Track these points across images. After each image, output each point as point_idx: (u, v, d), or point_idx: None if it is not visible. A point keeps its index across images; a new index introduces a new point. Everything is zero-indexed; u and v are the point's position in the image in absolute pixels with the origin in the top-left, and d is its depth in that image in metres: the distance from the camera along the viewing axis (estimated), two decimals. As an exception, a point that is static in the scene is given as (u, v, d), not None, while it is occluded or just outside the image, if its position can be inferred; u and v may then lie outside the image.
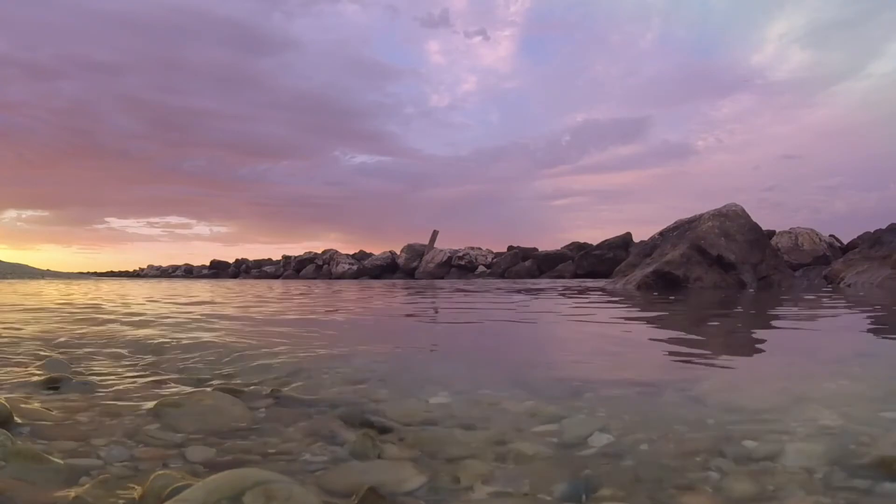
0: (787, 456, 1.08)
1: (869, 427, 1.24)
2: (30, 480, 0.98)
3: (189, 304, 6.25)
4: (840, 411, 1.38)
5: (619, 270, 11.09)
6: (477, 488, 1.00)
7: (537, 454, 1.15)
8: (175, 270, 53.23)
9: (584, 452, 1.16)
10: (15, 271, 36.29)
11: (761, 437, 1.18)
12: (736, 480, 0.98)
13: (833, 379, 1.86)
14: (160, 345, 2.73)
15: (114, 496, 0.92)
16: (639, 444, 1.18)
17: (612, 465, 1.08)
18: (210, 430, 1.31)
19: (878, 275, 9.50)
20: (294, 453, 1.18)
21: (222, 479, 0.89)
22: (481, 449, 1.18)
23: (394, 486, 1.01)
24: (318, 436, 1.28)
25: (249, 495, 0.84)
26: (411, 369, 2.22)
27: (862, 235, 20.49)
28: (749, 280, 9.54)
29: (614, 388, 1.72)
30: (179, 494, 0.86)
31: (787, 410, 1.42)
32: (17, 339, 2.98)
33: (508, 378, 1.93)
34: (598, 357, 2.59)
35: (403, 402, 1.58)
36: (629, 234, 30.27)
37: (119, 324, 3.88)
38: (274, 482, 0.89)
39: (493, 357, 2.71)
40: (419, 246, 38.30)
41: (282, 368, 2.08)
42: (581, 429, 1.29)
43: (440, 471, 1.07)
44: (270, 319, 4.40)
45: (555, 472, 1.04)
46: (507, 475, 1.05)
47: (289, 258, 44.62)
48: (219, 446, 1.21)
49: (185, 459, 1.13)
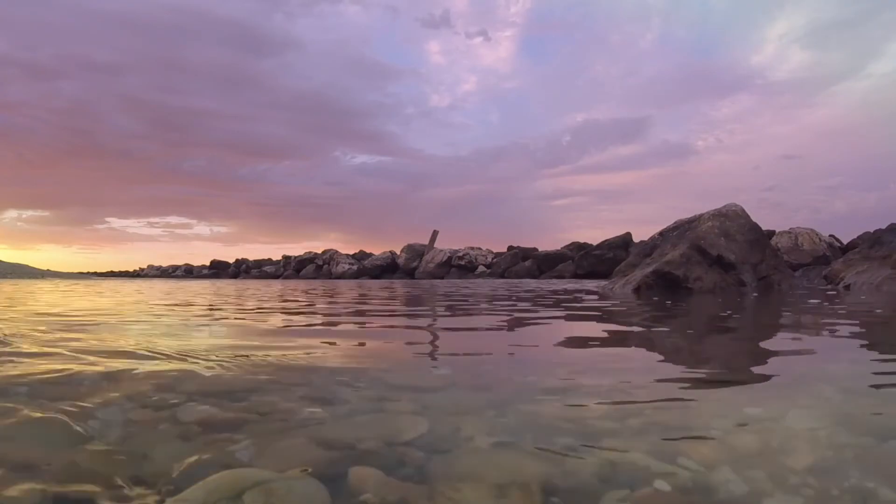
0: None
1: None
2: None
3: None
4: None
5: (618, 270, 11.09)
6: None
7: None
8: (175, 270, 53.23)
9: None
10: (15, 271, 36.30)
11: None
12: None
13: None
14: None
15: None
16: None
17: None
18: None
19: (877, 275, 9.50)
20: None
21: (222, 479, 0.89)
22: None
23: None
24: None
25: (249, 495, 0.85)
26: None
27: (862, 235, 20.52)
28: (749, 280, 9.54)
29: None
30: (179, 494, 0.86)
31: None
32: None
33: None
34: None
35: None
36: (629, 234, 30.32)
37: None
38: (274, 482, 0.89)
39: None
40: (419, 246, 38.31)
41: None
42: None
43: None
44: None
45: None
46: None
47: (289, 258, 44.64)
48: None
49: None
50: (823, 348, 2.52)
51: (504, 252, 35.46)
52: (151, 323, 3.57)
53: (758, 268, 9.82)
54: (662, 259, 9.62)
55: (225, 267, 48.79)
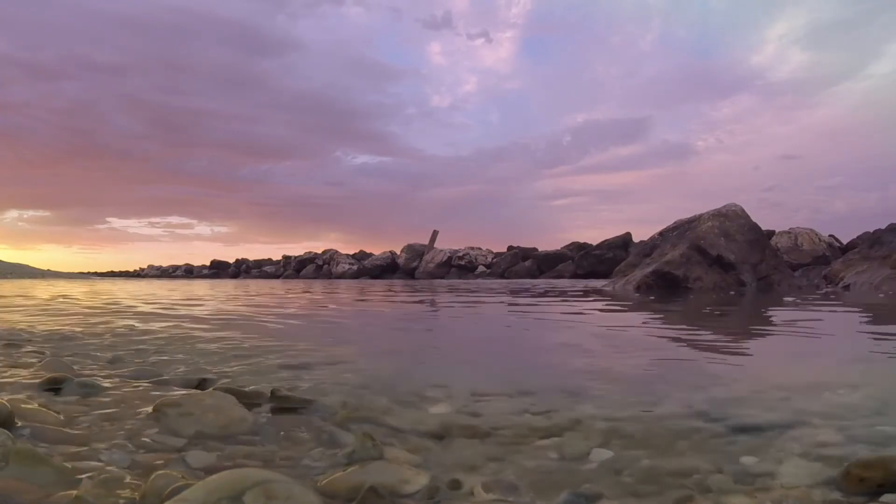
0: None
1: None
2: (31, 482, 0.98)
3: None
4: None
5: (618, 270, 11.09)
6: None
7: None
8: (175, 270, 53.20)
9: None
10: (15, 271, 36.30)
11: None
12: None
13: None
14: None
15: (114, 496, 0.93)
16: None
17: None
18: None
19: (877, 275, 9.50)
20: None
21: (222, 479, 0.90)
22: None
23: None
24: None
25: (249, 495, 0.85)
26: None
27: (861, 235, 20.48)
28: (749, 280, 9.55)
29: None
30: (179, 494, 0.86)
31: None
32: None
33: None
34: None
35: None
36: (629, 234, 30.27)
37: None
38: (274, 482, 0.90)
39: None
40: (419, 246, 38.28)
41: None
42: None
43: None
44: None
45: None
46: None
47: (289, 258, 44.60)
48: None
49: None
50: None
51: (504, 252, 35.42)
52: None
53: (757, 268, 9.82)
54: (662, 259, 9.62)
55: (225, 267, 48.75)
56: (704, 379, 2.04)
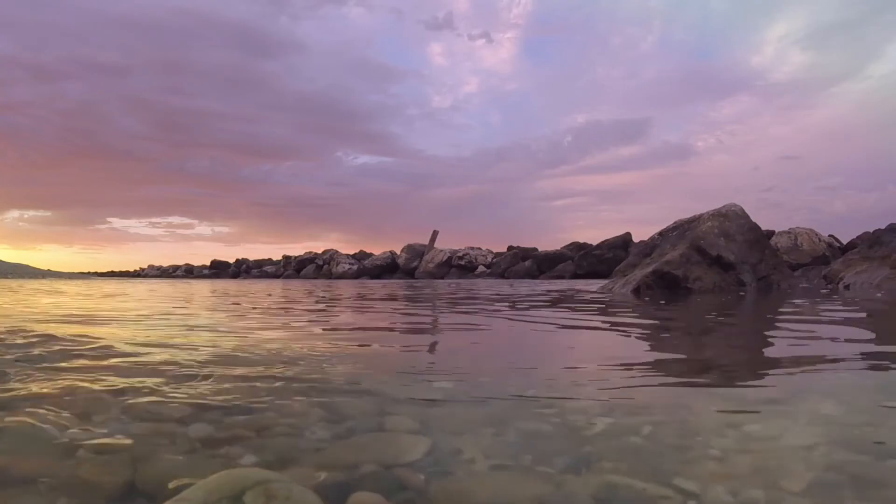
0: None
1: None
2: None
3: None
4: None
5: (618, 270, 11.09)
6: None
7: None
8: (175, 270, 53.21)
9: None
10: (16, 271, 36.31)
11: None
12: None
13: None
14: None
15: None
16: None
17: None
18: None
19: (877, 275, 9.50)
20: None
21: (222, 479, 0.90)
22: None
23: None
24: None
25: (250, 495, 0.85)
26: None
27: (861, 235, 20.50)
28: (748, 280, 9.55)
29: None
30: (179, 494, 0.87)
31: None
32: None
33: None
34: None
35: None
36: (629, 234, 30.33)
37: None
38: (274, 482, 0.90)
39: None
40: (419, 246, 38.32)
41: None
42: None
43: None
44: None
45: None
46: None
47: (289, 258, 44.64)
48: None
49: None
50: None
51: (504, 252, 35.46)
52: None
53: (757, 268, 9.83)
54: (662, 259, 9.63)
55: (225, 267, 48.78)
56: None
